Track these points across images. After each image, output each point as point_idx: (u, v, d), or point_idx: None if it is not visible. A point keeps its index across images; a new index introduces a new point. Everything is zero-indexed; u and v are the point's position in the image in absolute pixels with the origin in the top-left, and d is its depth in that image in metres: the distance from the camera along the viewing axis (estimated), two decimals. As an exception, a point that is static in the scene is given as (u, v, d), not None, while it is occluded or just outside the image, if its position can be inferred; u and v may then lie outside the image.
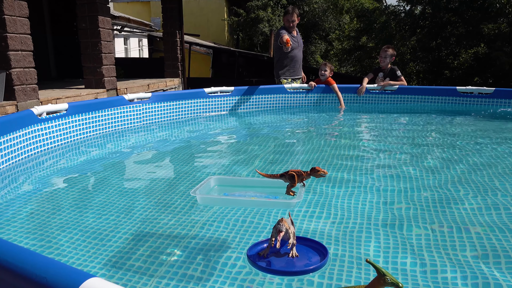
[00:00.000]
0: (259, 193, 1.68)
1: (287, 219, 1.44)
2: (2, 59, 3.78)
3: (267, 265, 1.37)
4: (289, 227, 1.40)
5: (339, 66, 22.24)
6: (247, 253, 1.45)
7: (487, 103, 5.20)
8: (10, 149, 2.81)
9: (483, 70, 13.64)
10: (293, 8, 5.30)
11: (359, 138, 3.81)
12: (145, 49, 19.42)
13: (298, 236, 1.52)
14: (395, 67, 5.61)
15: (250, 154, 3.18)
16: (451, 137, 3.67)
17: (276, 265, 1.38)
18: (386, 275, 1.08)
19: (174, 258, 1.53)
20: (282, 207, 1.86)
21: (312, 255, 1.45)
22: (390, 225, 1.80)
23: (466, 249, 1.57)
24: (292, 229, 1.42)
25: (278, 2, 21.43)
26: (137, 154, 3.35)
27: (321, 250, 1.47)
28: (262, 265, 1.37)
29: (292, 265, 1.39)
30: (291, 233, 1.41)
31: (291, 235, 1.40)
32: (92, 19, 5.47)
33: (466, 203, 2.03)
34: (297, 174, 1.50)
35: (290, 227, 1.41)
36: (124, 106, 4.13)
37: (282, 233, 1.35)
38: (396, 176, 2.52)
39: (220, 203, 1.87)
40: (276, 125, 4.65)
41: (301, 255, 1.44)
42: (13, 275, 0.94)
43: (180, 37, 8.33)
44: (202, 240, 1.68)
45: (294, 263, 1.40)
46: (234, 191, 1.70)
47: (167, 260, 1.52)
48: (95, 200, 2.19)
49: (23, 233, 1.78)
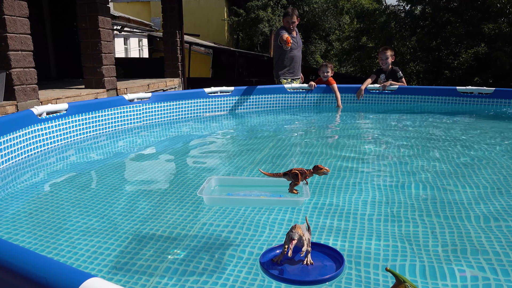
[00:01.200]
0: (264, 192, 1.66)
1: (301, 225, 1.40)
2: (2, 59, 3.78)
3: (279, 273, 1.33)
4: (303, 233, 1.35)
5: (339, 66, 22.24)
6: (260, 260, 1.41)
7: (487, 103, 5.20)
8: (10, 149, 2.81)
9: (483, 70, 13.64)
10: (292, 9, 5.30)
11: (359, 138, 3.81)
12: (145, 49, 19.41)
13: (313, 242, 1.47)
14: (397, 68, 5.60)
15: (250, 154, 3.18)
16: (451, 137, 3.67)
17: (290, 272, 1.33)
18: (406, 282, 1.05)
19: (174, 258, 1.53)
20: (290, 205, 1.86)
21: (328, 263, 1.40)
22: (391, 225, 1.79)
23: (466, 249, 1.57)
24: (306, 236, 1.37)
25: (278, 2, 21.44)
26: (137, 154, 3.35)
27: (337, 258, 1.41)
28: (275, 273, 1.32)
29: (306, 273, 1.34)
30: (305, 240, 1.35)
31: (305, 242, 1.35)
32: (92, 19, 5.46)
33: (466, 203, 2.03)
34: (300, 173, 1.51)
35: (305, 234, 1.37)
36: (124, 106, 4.13)
37: (294, 241, 1.31)
38: (396, 176, 2.52)
39: (228, 203, 1.85)
40: (276, 125, 4.65)
41: (316, 262, 1.38)
42: (13, 275, 0.93)
43: (180, 37, 8.33)
44: (203, 239, 1.68)
45: (309, 271, 1.35)
46: (236, 191, 1.69)
47: (167, 260, 1.52)
48: (95, 200, 2.19)
49: (23, 233, 1.78)
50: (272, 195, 1.63)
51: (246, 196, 1.64)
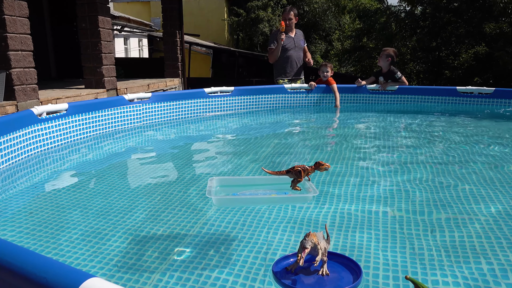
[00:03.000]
0: (269, 190, 1.66)
1: (318, 233, 1.32)
2: (2, 59, 3.78)
3: (292, 283, 1.27)
4: (318, 242, 1.28)
5: (339, 66, 22.24)
6: (272, 269, 1.35)
7: (487, 103, 5.19)
8: (10, 149, 2.81)
9: (483, 70, 13.65)
10: (290, 7, 5.35)
11: (359, 138, 3.80)
12: (145, 49, 19.42)
13: (330, 252, 1.40)
14: (394, 69, 5.58)
15: (250, 154, 3.17)
16: (451, 137, 3.67)
17: (304, 283, 1.27)
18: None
19: (175, 258, 1.53)
20: (300, 201, 1.89)
21: (344, 274, 1.33)
22: (391, 224, 1.79)
23: (466, 249, 1.57)
24: (322, 245, 1.29)
25: (278, 2, 21.46)
26: (137, 154, 3.35)
27: (354, 269, 1.35)
28: (287, 283, 1.27)
29: (322, 284, 1.27)
30: (321, 249, 1.28)
31: (320, 251, 1.27)
32: (92, 19, 5.46)
33: (466, 203, 2.03)
34: (303, 169, 1.53)
35: (320, 242, 1.29)
36: (124, 106, 4.12)
37: (307, 250, 1.24)
38: (396, 176, 2.52)
39: (238, 203, 1.84)
40: (276, 125, 4.64)
41: (332, 273, 1.32)
42: (13, 275, 0.93)
43: (180, 37, 8.33)
44: (203, 239, 1.68)
45: (325, 282, 1.28)
46: (239, 191, 1.68)
47: (167, 260, 1.52)
48: (95, 200, 2.19)
49: (23, 233, 1.78)
50: (278, 192, 1.63)
51: (254, 195, 1.63)
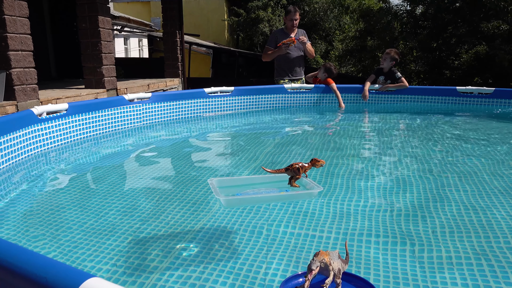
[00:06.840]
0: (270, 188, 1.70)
1: (332, 251, 1.20)
2: (2, 59, 3.78)
3: None
4: (330, 262, 1.14)
5: (339, 66, 22.23)
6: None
7: (487, 103, 5.20)
8: (10, 149, 2.81)
9: (483, 70, 13.65)
10: (294, 7, 5.34)
11: (359, 138, 3.81)
12: (145, 49, 19.42)
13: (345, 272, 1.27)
14: (395, 68, 5.59)
15: (250, 154, 3.18)
16: (451, 137, 3.67)
17: None
18: None
19: (175, 258, 1.53)
20: (305, 198, 1.96)
21: None
22: (390, 225, 1.79)
23: (466, 249, 1.57)
24: (336, 265, 1.16)
25: (278, 2, 21.44)
26: (137, 154, 3.35)
27: None
28: None
29: None
30: (333, 269, 1.14)
31: (331, 272, 1.14)
32: (92, 19, 5.47)
33: (467, 203, 2.03)
34: (301, 167, 1.64)
35: (333, 263, 1.15)
36: (124, 106, 4.12)
37: (313, 271, 1.12)
38: (396, 176, 2.52)
39: (246, 203, 1.87)
40: (276, 125, 4.64)
41: None
42: (13, 275, 0.93)
43: (180, 37, 8.33)
44: (203, 239, 1.68)
45: None
46: (242, 191, 1.68)
47: (167, 260, 1.52)
48: (95, 200, 2.19)
49: (23, 233, 1.78)
50: (280, 190, 1.67)
51: (257, 194, 1.66)
